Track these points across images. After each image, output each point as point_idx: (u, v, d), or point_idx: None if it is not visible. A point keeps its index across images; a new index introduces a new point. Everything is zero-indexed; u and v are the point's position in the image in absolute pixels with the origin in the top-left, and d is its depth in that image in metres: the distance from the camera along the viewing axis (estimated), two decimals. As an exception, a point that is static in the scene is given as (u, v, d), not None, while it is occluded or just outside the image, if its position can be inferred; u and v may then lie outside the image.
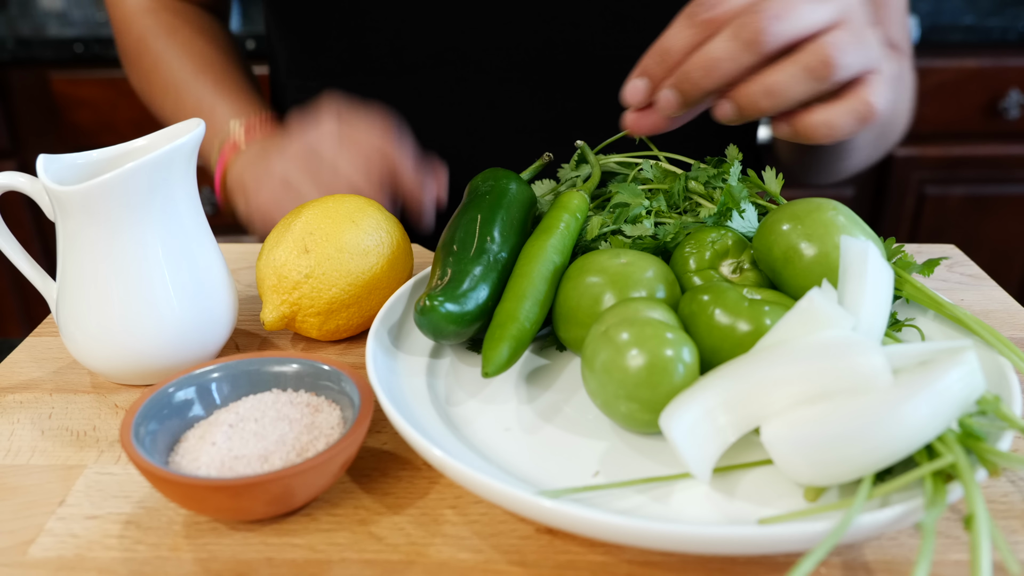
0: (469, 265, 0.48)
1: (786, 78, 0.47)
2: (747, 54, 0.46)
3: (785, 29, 0.46)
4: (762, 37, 0.46)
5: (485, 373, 0.44)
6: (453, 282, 0.47)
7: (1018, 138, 1.55)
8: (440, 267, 0.48)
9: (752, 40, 0.46)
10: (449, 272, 0.47)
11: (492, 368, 0.44)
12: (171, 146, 0.45)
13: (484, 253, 0.49)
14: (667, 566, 0.36)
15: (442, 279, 0.47)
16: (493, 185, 0.54)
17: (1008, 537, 0.37)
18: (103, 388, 0.50)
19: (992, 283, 0.62)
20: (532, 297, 0.46)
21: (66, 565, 0.37)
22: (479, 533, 0.38)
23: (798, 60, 0.47)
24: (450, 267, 0.48)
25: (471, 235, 0.50)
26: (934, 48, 1.47)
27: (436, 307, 0.45)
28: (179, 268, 0.47)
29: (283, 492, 0.37)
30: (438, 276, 0.48)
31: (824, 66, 0.46)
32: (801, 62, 0.46)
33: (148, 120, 1.53)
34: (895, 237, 0.54)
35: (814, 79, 0.47)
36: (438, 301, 0.45)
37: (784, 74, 0.47)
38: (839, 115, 0.48)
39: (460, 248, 0.49)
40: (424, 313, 0.45)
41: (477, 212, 0.51)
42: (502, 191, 0.53)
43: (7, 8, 1.67)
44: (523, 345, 0.45)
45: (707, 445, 0.37)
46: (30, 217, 1.57)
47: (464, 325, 0.46)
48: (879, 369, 0.36)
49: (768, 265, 0.46)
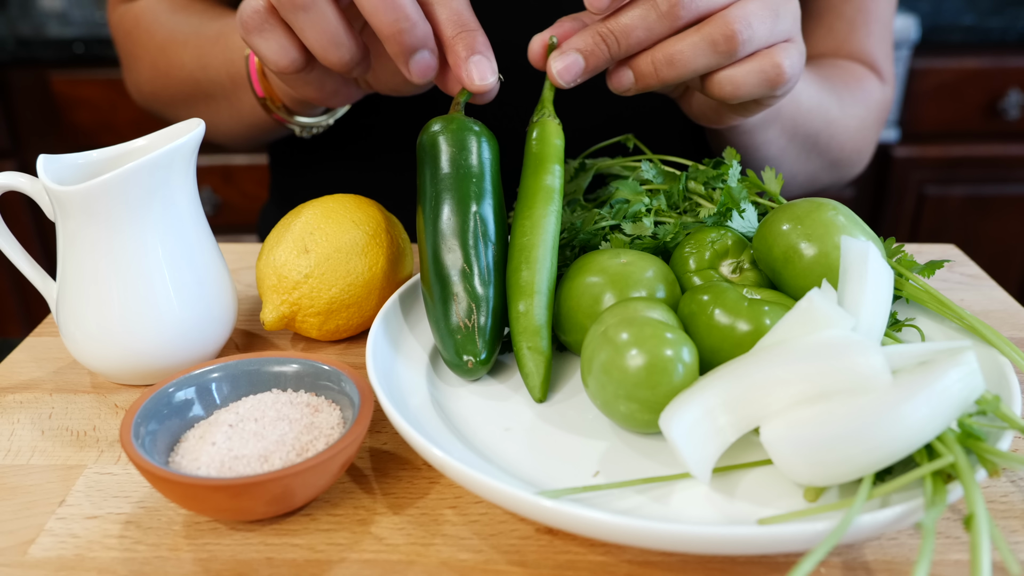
0: (482, 290, 0.46)
1: (688, 48, 0.47)
2: (660, 24, 0.47)
3: (699, 3, 0.46)
4: (678, 10, 0.46)
5: (539, 399, 0.45)
6: (482, 327, 0.46)
7: (1018, 138, 1.55)
8: (452, 295, 0.46)
9: (667, 12, 0.46)
10: (465, 307, 0.46)
11: (543, 393, 0.45)
12: (171, 146, 0.45)
13: (489, 267, 0.47)
14: (667, 566, 0.36)
15: (467, 317, 0.46)
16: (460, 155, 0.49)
17: (1008, 537, 0.37)
18: (103, 388, 0.50)
19: (992, 283, 0.62)
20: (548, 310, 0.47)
21: (66, 565, 0.37)
22: (479, 533, 0.38)
23: (702, 31, 0.47)
24: (466, 300, 0.46)
25: (465, 243, 0.47)
26: (934, 48, 1.47)
27: (480, 363, 0.45)
28: (179, 268, 0.47)
29: (283, 492, 0.37)
30: (455, 308, 0.46)
31: (727, 40, 0.46)
32: (705, 34, 0.47)
33: (148, 120, 1.53)
34: (895, 237, 0.54)
35: (716, 52, 0.47)
36: (483, 358, 0.45)
37: (687, 44, 0.47)
38: (744, 72, 0.48)
39: (463, 266, 0.47)
40: (474, 372, 0.46)
41: (462, 206, 0.48)
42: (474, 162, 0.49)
43: (7, 8, 1.67)
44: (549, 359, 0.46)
45: (707, 445, 0.37)
46: (30, 217, 1.57)
47: (495, 356, 0.47)
48: (878, 369, 0.36)
49: (768, 265, 0.46)
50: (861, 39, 0.76)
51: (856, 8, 0.75)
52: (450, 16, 0.49)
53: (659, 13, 0.47)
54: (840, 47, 0.77)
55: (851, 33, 0.76)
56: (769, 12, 0.48)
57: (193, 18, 0.72)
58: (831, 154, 0.74)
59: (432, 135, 0.50)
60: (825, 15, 0.76)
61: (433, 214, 0.48)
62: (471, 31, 0.49)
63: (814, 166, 0.74)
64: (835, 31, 0.76)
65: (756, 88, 0.49)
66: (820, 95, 0.68)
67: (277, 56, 0.51)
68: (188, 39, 0.70)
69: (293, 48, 0.51)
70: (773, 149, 0.66)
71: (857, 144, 0.75)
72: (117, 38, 0.79)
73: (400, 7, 0.47)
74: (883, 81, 0.78)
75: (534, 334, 0.46)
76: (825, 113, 0.69)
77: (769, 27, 0.48)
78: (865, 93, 0.75)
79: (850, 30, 0.76)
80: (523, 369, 0.45)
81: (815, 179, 0.77)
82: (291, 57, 0.51)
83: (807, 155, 0.72)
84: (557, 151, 0.51)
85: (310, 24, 0.49)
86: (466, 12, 0.50)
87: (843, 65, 0.76)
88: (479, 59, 0.49)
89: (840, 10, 0.76)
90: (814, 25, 0.77)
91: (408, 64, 0.49)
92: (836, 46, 0.77)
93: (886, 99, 0.78)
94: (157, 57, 0.73)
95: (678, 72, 0.48)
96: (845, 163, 0.76)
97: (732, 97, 0.49)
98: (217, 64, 0.66)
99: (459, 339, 0.45)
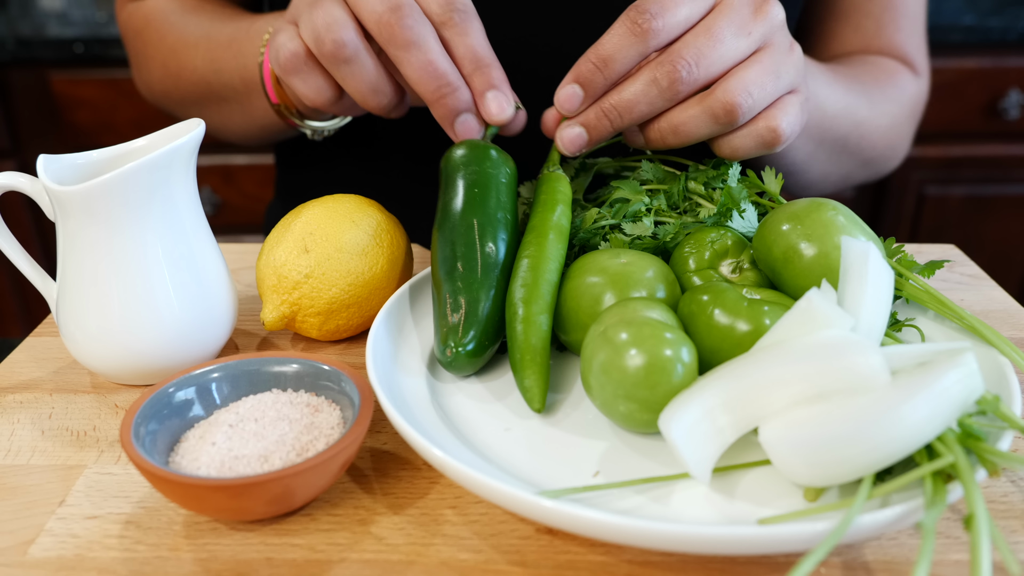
0: (478, 290, 0.47)
1: (691, 120, 0.49)
2: (662, 99, 0.49)
3: (699, 76, 0.48)
4: (678, 86, 0.48)
5: (537, 409, 0.44)
6: (469, 319, 0.46)
7: (1018, 138, 1.55)
8: (449, 293, 0.47)
9: (668, 88, 0.48)
10: (462, 304, 0.46)
11: (541, 404, 0.44)
12: (171, 146, 0.45)
13: (489, 269, 0.47)
14: (667, 566, 0.36)
15: (455, 312, 0.46)
16: (478, 171, 0.51)
17: (1008, 537, 0.37)
18: (103, 388, 0.50)
19: (992, 283, 0.62)
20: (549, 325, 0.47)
21: (66, 565, 0.37)
22: (479, 533, 0.38)
23: (704, 103, 0.49)
24: (461, 295, 0.46)
25: (472, 247, 0.48)
26: (934, 48, 1.46)
27: (461, 354, 0.45)
28: (179, 268, 0.47)
29: (283, 492, 0.37)
30: (450, 306, 0.46)
31: (727, 113, 0.48)
32: (706, 106, 0.49)
33: (148, 120, 1.53)
34: (895, 237, 0.54)
35: (718, 124, 0.49)
36: (462, 348, 0.45)
37: (690, 115, 0.49)
38: (741, 138, 0.50)
39: (465, 267, 0.47)
40: (453, 363, 0.46)
41: (472, 216, 0.49)
42: (489, 179, 0.51)
43: (7, 8, 1.67)
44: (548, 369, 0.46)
45: (707, 446, 0.37)
46: (30, 217, 1.57)
47: (487, 357, 0.47)
48: (877, 369, 0.36)
49: (768, 265, 0.46)
50: (890, 34, 0.76)
51: (883, 5, 0.75)
52: (466, 52, 0.51)
53: (660, 89, 0.48)
54: (870, 44, 0.76)
55: (880, 30, 0.76)
56: (770, 75, 0.49)
57: (204, 19, 0.72)
58: (863, 154, 0.74)
59: (453, 157, 0.52)
60: (852, 14, 0.76)
61: (444, 223, 0.50)
62: (487, 67, 0.51)
63: (846, 167, 0.75)
64: (863, 28, 0.76)
65: (754, 151, 0.51)
66: (847, 97, 0.68)
67: (314, 95, 0.53)
68: (199, 42, 0.70)
69: (329, 89, 0.53)
70: (800, 155, 0.67)
71: (890, 140, 0.75)
72: (127, 37, 0.79)
73: (443, 75, 0.50)
74: (916, 74, 0.77)
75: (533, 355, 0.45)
76: (853, 115, 0.69)
77: (770, 91, 0.49)
78: (897, 89, 0.74)
79: (878, 27, 0.76)
80: (520, 383, 0.45)
81: (848, 178, 0.77)
82: (327, 96, 0.53)
83: (838, 157, 0.72)
84: (564, 196, 0.52)
85: (351, 75, 0.51)
86: (482, 47, 0.51)
87: (874, 61, 0.75)
88: (495, 94, 0.51)
89: (866, 8, 0.76)
90: (841, 24, 0.77)
91: (453, 127, 0.52)
92: (865, 43, 0.77)
93: (921, 92, 0.78)
94: (168, 59, 0.73)
95: (682, 140, 0.50)
96: (879, 160, 0.77)
97: (732, 158, 0.52)
98: (230, 69, 0.66)
99: (444, 332, 0.46)
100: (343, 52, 0.50)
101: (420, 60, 0.49)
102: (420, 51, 0.49)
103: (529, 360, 0.44)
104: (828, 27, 0.78)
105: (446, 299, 0.47)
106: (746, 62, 0.49)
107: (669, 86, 0.48)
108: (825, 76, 0.67)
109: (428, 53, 0.49)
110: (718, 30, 0.48)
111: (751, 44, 0.49)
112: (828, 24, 0.78)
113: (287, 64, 0.52)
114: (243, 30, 0.67)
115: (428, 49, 0.49)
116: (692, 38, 0.48)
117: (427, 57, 0.49)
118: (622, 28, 0.48)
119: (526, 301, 0.46)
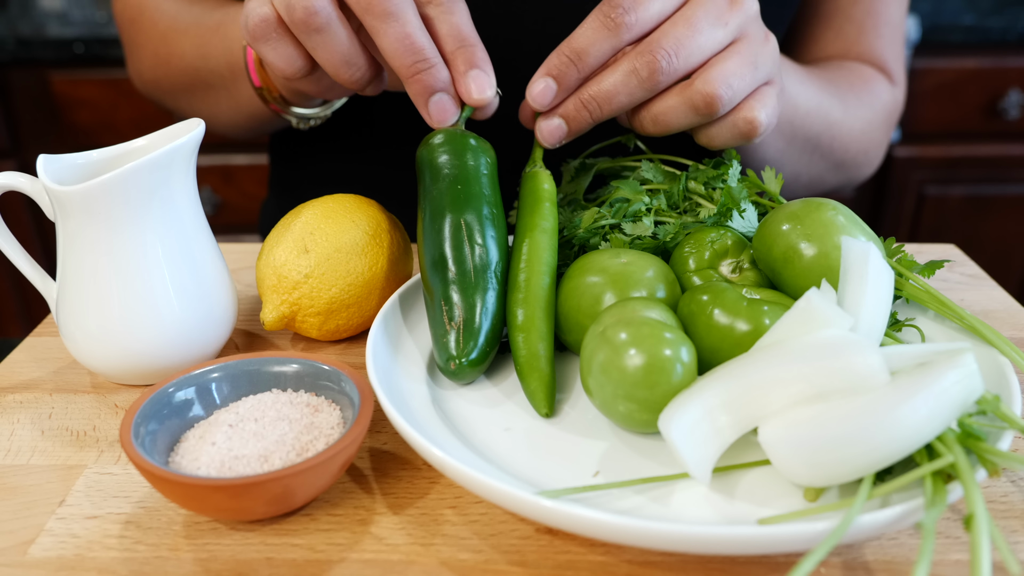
0: (474, 295, 0.46)
1: (671, 111, 0.49)
2: (641, 90, 0.49)
3: (679, 66, 0.48)
4: (658, 76, 0.48)
5: (545, 414, 0.44)
6: (468, 328, 0.45)
7: (1018, 138, 1.55)
8: (444, 299, 0.46)
9: (647, 78, 0.48)
10: (459, 312, 0.46)
11: (549, 408, 0.44)
12: (171, 146, 0.45)
13: (482, 271, 0.47)
14: (667, 566, 0.36)
15: (452, 319, 0.46)
16: (459, 165, 0.49)
17: (1008, 537, 0.37)
18: (103, 388, 0.50)
19: (992, 283, 0.62)
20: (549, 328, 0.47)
21: (66, 565, 0.37)
22: (479, 533, 0.38)
23: (684, 94, 0.49)
24: (457, 301, 0.46)
25: (461, 248, 0.47)
26: (934, 48, 1.47)
27: (464, 365, 0.45)
28: (179, 268, 0.47)
29: (283, 492, 0.37)
30: (446, 313, 0.46)
31: (708, 104, 0.48)
32: (686, 97, 0.49)
33: (148, 120, 1.53)
34: (895, 237, 0.54)
35: (698, 114, 0.49)
36: (465, 359, 0.45)
37: (669, 106, 0.49)
38: (718, 129, 0.51)
39: (457, 270, 0.47)
40: (456, 373, 0.45)
41: (459, 215, 0.48)
42: (471, 172, 0.49)
43: (7, 8, 1.67)
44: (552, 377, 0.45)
45: (706, 446, 0.37)
46: (30, 217, 1.57)
47: (488, 362, 0.46)
48: (876, 368, 0.36)
49: (768, 265, 0.46)
50: (870, 41, 0.76)
51: (865, 11, 0.75)
52: (450, 31, 0.50)
53: (640, 79, 0.48)
54: (849, 49, 0.77)
55: (860, 35, 0.76)
56: (748, 66, 0.49)
57: (195, 7, 0.72)
58: (835, 156, 0.74)
59: (430, 148, 0.50)
60: (834, 18, 0.76)
61: (430, 224, 0.48)
62: (470, 46, 0.50)
63: (817, 168, 0.74)
64: (844, 33, 0.76)
65: (731, 141, 0.51)
66: (820, 97, 0.68)
67: (284, 64, 0.51)
68: (189, 28, 0.70)
69: (300, 58, 0.51)
70: (771, 151, 0.67)
71: (863, 145, 0.75)
72: (121, 26, 0.79)
73: (420, 49, 0.48)
74: (893, 83, 0.77)
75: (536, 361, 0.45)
76: (826, 115, 0.69)
77: (749, 82, 0.49)
78: (872, 95, 0.74)
79: (859, 33, 0.76)
80: (527, 388, 0.45)
81: (820, 180, 0.77)
82: (297, 66, 0.51)
83: (809, 157, 0.72)
84: (548, 194, 0.52)
85: (322, 45, 0.49)
86: (466, 26, 0.50)
87: (850, 67, 0.75)
88: (477, 73, 0.50)
89: (849, 13, 0.76)
90: (823, 28, 0.77)
91: (427, 106, 0.50)
92: (845, 48, 0.77)
93: (896, 100, 0.78)
94: (158, 46, 0.73)
95: (663, 129, 0.50)
96: (851, 164, 0.76)
97: (709, 147, 0.52)
98: (217, 54, 0.66)
99: (445, 342, 0.45)
100: (314, 20, 0.47)
101: (397, 32, 0.47)
102: (398, 23, 0.47)
103: (533, 366, 0.44)
104: (810, 31, 0.78)
105: (441, 305, 0.46)
106: (724, 53, 0.49)
107: (649, 76, 0.48)
108: (799, 74, 0.67)
109: (406, 26, 0.47)
110: (696, 20, 0.48)
111: (728, 35, 0.49)
112: (810, 27, 0.78)
113: (255, 29, 0.50)
114: (231, 15, 0.66)
115: (406, 22, 0.47)
116: (671, 27, 0.48)
117: (404, 30, 0.47)
118: (595, 22, 0.48)
119: (524, 306, 0.46)
